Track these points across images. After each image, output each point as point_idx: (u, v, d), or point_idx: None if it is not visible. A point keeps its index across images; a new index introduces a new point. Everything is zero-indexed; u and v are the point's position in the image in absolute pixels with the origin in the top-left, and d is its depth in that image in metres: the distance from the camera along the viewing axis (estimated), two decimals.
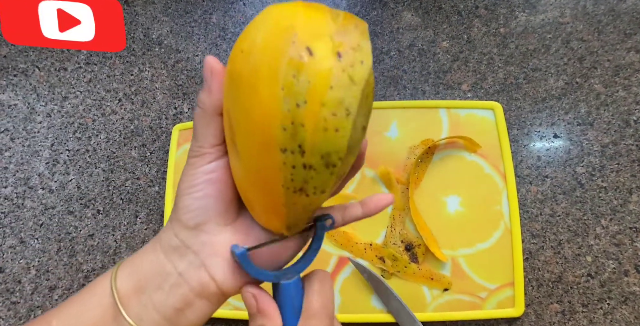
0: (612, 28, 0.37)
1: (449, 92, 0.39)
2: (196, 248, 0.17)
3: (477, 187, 0.36)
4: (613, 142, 0.35)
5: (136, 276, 0.17)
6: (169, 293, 0.16)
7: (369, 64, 0.13)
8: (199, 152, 0.17)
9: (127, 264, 0.17)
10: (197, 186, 0.17)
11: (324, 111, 0.13)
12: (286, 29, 0.13)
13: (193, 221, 0.17)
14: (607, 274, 0.33)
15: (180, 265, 0.17)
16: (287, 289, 0.17)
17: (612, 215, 0.34)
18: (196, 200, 0.17)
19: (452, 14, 0.40)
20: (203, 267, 0.17)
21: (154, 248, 0.17)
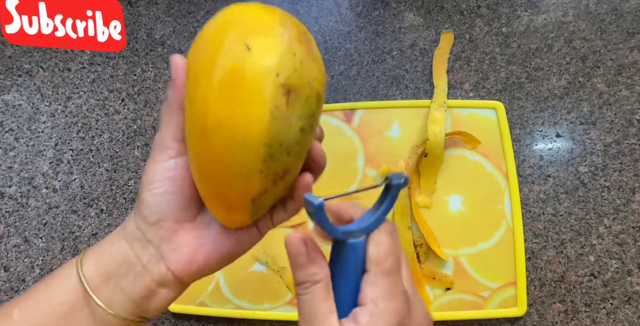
0: (615, 27, 0.37)
1: (451, 91, 0.39)
2: (156, 242, 0.18)
3: (479, 186, 0.36)
4: (616, 141, 0.35)
5: (102, 264, 0.17)
6: (134, 282, 0.18)
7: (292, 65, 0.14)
8: (161, 146, 0.17)
9: (92, 253, 0.18)
10: (157, 182, 0.17)
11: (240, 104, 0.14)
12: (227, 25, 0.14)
13: (153, 217, 0.17)
14: (610, 273, 0.33)
15: (143, 257, 0.18)
16: (354, 249, 0.16)
17: (615, 214, 0.34)
18: (156, 196, 0.17)
19: (454, 13, 0.40)
20: (162, 261, 0.18)
21: (119, 237, 0.18)
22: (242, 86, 0.14)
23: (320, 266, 0.16)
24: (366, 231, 0.16)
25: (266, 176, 0.15)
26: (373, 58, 0.41)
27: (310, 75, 0.14)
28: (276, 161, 0.15)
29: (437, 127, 0.36)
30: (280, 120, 0.14)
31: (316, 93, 0.15)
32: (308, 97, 0.14)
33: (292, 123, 0.14)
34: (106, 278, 0.17)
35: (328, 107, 0.39)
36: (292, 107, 0.14)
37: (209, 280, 0.37)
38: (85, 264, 0.17)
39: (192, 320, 0.37)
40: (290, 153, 0.15)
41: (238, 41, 0.14)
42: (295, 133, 0.14)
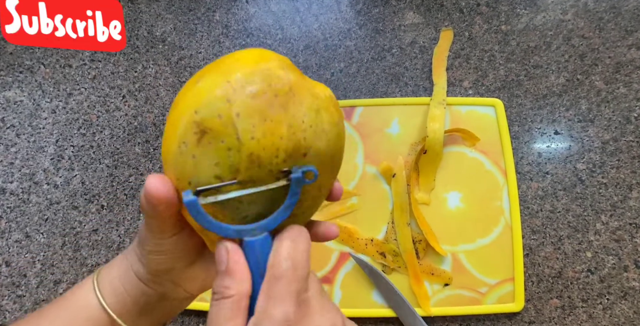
0: (613, 25, 0.37)
1: (450, 89, 0.39)
2: (171, 279, 0.18)
3: (478, 183, 0.36)
4: (614, 138, 0.35)
5: (120, 296, 0.18)
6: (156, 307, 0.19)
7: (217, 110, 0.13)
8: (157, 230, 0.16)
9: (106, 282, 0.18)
10: (163, 251, 0.17)
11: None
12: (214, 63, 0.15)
13: (163, 269, 0.18)
14: (607, 269, 0.33)
15: (160, 289, 0.18)
16: (252, 247, 0.14)
17: (612, 211, 0.34)
18: (164, 260, 0.17)
19: (453, 11, 0.41)
20: (181, 288, 0.19)
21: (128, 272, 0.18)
22: (171, 117, 0.14)
23: (236, 281, 0.14)
24: (265, 228, 0.15)
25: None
26: (373, 55, 0.41)
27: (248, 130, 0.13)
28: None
29: (437, 124, 0.36)
30: (186, 156, 0.13)
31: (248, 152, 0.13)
32: (230, 150, 0.13)
33: (203, 164, 0.13)
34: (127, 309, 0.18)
35: None
36: (203, 148, 0.13)
37: None
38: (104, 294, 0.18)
39: (193, 315, 0.37)
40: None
41: (198, 76, 0.14)
42: (207, 176, 0.13)
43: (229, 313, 0.14)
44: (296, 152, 0.14)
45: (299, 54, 0.43)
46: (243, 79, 0.13)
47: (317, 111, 0.15)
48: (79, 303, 0.18)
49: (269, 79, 0.14)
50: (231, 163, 0.13)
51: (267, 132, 0.13)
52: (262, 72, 0.14)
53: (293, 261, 0.14)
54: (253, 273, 0.14)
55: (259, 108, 0.13)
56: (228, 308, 0.14)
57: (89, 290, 0.18)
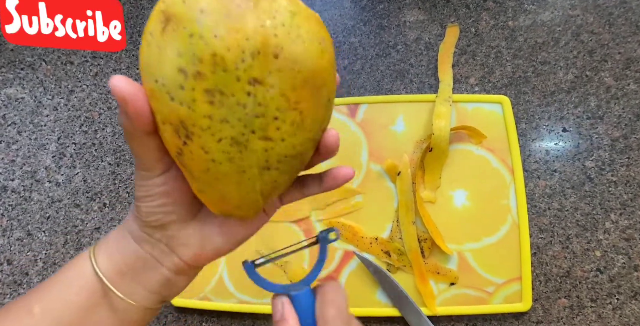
0: (623, 20, 0.37)
1: (456, 85, 0.38)
2: (165, 240, 0.18)
3: (485, 181, 0.35)
4: (623, 136, 0.35)
5: (115, 261, 0.18)
6: (151, 274, 0.18)
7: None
8: (145, 166, 0.16)
9: (102, 250, 0.18)
10: (152, 196, 0.17)
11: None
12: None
13: (156, 223, 0.18)
14: (617, 269, 0.32)
15: (154, 253, 0.18)
16: (298, 300, 0.18)
17: (622, 210, 0.33)
18: (155, 207, 0.17)
19: (459, 7, 0.40)
20: (174, 254, 0.18)
21: (125, 236, 0.18)
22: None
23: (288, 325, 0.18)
24: (306, 283, 0.19)
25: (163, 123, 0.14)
26: (377, 52, 0.41)
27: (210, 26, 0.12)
28: (160, 102, 0.13)
29: (442, 121, 0.35)
30: (152, 48, 0.13)
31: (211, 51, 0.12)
32: (192, 35, 0.12)
33: (167, 57, 0.12)
34: (122, 274, 0.18)
35: None
36: (167, 37, 0.12)
37: (212, 274, 0.37)
38: (99, 262, 0.18)
39: (195, 314, 0.37)
40: (175, 99, 0.13)
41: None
42: (171, 70, 0.12)
43: None
44: (265, 49, 0.12)
45: None
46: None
47: (293, 13, 0.13)
48: (74, 272, 0.18)
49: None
50: (194, 52, 0.12)
51: (231, 30, 0.12)
52: None
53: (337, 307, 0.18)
54: (304, 322, 0.18)
55: (225, 3, 0.12)
56: None
57: (85, 259, 0.18)
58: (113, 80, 0.13)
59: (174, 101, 0.13)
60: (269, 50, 0.12)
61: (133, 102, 0.13)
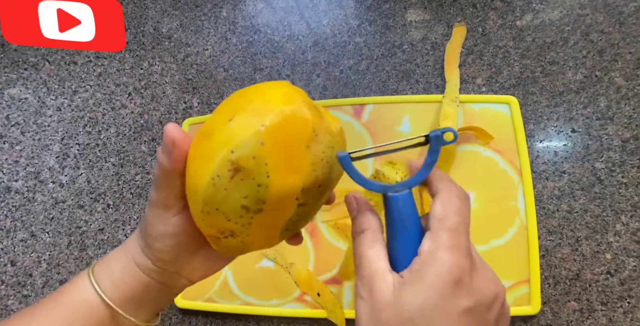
0: (634, 20, 0.36)
1: (463, 86, 0.38)
2: (175, 270, 0.19)
3: (492, 183, 0.35)
4: (634, 137, 0.34)
5: (122, 290, 0.18)
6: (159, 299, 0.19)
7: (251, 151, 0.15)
8: (164, 204, 0.17)
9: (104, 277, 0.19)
10: (167, 236, 0.18)
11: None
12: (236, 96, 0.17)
13: (169, 258, 0.18)
14: (628, 272, 0.32)
15: (163, 280, 0.19)
16: (395, 202, 0.16)
17: (633, 212, 0.33)
18: (169, 246, 0.18)
19: (466, 6, 0.40)
20: (183, 278, 0.20)
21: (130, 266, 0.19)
22: (203, 149, 0.16)
23: (367, 219, 0.17)
24: (407, 185, 0.16)
25: (210, 226, 0.17)
26: (383, 52, 0.40)
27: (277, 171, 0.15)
28: (214, 220, 0.16)
29: (449, 122, 0.35)
30: (218, 188, 0.15)
31: (276, 190, 0.15)
32: (260, 186, 0.15)
33: (233, 197, 0.15)
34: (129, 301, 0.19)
35: (337, 102, 0.39)
36: (235, 184, 0.15)
37: (217, 276, 0.37)
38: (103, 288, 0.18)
39: (200, 316, 0.37)
40: (231, 220, 0.16)
41: (230, 112, 0.16)
42: (234, 206, 0.16)
43: (368, 242, 0.16)
44: (313, 186, 0.16)
45: (307, 51, 0.42)
46: (275, 125, 0.15)
47: (332, 147, 0.17)
48: (77, 299, 0.18)
49: (297, 123, 0.16)
50: (259, 197, 0.16)
51: (292, 172, 0.15)
52: (291, 116, 0.15)
53: (463, 217, 0.15)
54: (397, 227, 0.16)
55: (288, 152, 0.15)
56: (367, 239, 0.16)
57: (85, 285, 0.18)
58: (169, 126, 0.16)
59: (230, 222, 0.16)
60: (315, 186, 0.16)
61: (180, 147, 0.16)
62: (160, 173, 0.17)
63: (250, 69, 0.42)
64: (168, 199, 0.17)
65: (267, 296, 0.36)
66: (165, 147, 0.16)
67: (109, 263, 0.19)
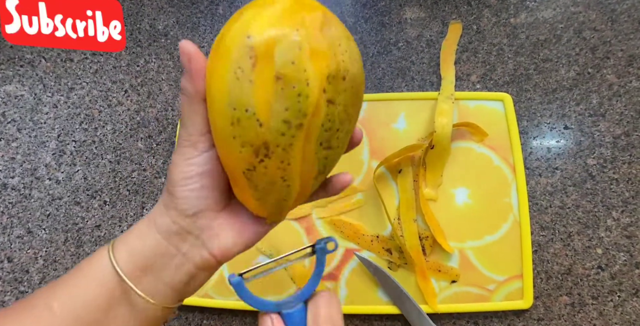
0: (626, 17, 0.36)
1: (457, 83, 0.38)
2: (196, 232, 0.18)
3: (486, 179, 0.35)
4: (625, 133, 0.35)
5: (137, 258, 0.17)
6: (175, 271, 0.18)
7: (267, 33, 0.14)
8: (190, 141, 0.17)
9: (121, 246, 0.18)
10: (192, 178, 0.17)
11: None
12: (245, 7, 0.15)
13: (191, 211, 0.17)
14: (618, 266, 0.32)
15: (182, 247, 0.18)
16: (291, 318, 0.17)
17: (624, 207, 0.33)
18: (193, 192, 0.17)
19: (461, 4, 0.40)
20: (204, 247, 0.18)
21: (150, 231, 0.18)
22: (220, 49, 0.14)
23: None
24: (301, 298, 0.17)
25: (242, 145, 0.15)
26: (379, 49, 0.40)
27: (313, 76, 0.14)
28: (246, 129, 0.14)
29: (445, 119, 0.35)
30: (243, 82, 0.14)
31: (314, 98, 0.14)
32: (300, 94, 0.14)
33: (275, 109, 0.14)
34: (143, 271, 0.17)
35: None
36: (259, 72, 0.14)
37: None
38: (118, 257, 0.17)
39: (196, 311, 0.37)
40: (263, 125, 0.14)
41: (238, 13, 0.15)
42: (277, 121, 0.14)
43: None
44: (337, 74, 0.15)
45: None
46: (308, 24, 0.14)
47: (348, 38, 0.15)
48: (93, 268, 0.17)
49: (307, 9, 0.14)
50: (299, 108, 0.14)
51: (322, 68, 0.14)
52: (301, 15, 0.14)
53: (332, 322, 0.17)
54: None
55: (318, 48, 0.14)
56: None
57: (103, 254, 0.17)
58: (182, 42, 0.15)
59: (262, 127, 0.14)
60: (340, 75, 0.15)
61: (196, 59, 0.15)
62: (184, 101, 0.16)
63: None
64: (193, 133, 0.16)
65: (264, 292, 0.36)
66: (184, 66, 0.15)
67: (130, 231, 0.18)
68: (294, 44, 0.14)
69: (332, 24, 0.15)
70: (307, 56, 0.14)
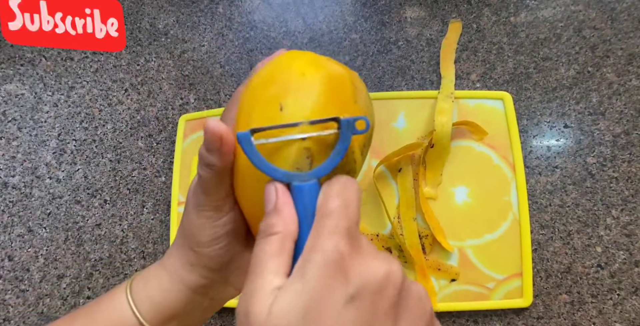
0: (626, 16, 0.36)
1: (457, 82, 0.38)
2: (224, 279, 0.18)
3: (486, 178, 0.35)
4: (625, 132, 0.35)
5: (161, 309, 0.18)
6: (202, 314, 0.19)
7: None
8: (214, 205, 0.17)
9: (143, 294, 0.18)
10: (220, 238, 0.17)
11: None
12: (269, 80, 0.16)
13: (219, 264, 0.18)
14: (618, 265, 0.33)
15: (211, 293, 0.18)
16: (300, 192, 0.14)
17: (624, 206, 0.33)
18: (222, 249, 0.17)
19: (461, 2, 0.40)
20: (231, 286, 0.19)
21: (175, 286, 0.18)
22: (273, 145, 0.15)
23: (283, 219, 0.13)
24: (315, 175, 0.14)
25: None
26: (379, 48, 0.40)
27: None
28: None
29: (444, 118, 0.35)
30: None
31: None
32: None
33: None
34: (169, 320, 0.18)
35: None
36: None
37: None
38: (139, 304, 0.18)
39: None
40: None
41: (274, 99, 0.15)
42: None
43: (274, 250, 0.13)
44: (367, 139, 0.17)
45: (303, 48, 0.42)
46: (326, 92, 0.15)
47: (367, 94, 0.18)
48: (113, 317, 0.18)
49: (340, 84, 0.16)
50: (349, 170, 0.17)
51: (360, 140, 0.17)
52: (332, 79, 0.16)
53: (343, 199, 0.13)
54: (300, 219, 0.14)
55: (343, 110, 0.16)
56: (273, 245, 0.13)
57: (122, 303, 0.18)
58: (210, 122, 0.14)
59: None
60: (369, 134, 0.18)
61: (227, 141, 0.15)
62: (210, 174, 0.16)
63: (247, 65, 0.42)
64: (219, 199, 0.16)
65: None
66: (211, 146, 0.15)
67: (148, 280, 0.18)
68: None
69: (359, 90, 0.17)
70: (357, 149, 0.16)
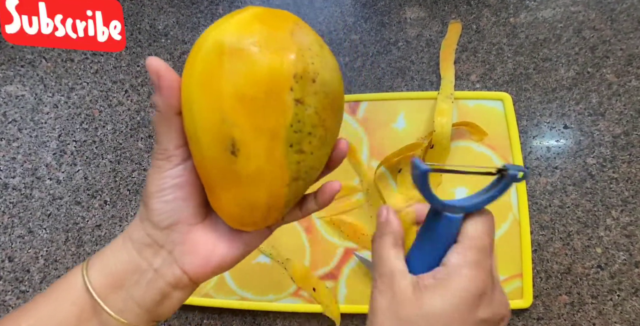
0: (625, 16, 0.36)
1: (457, 82, 0.38)
2: (169, 246, 0.18)
3: (485, 178, 0.35)
4: (625, 132, 0.35)
5: (110, 274, 0.17)
6: (146, 288, 0.17)
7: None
8: (165, 155, 0.17)
9: (96, 261, 0.18)
10: (166, 190, 0.17)
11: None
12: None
13: (165, 223, 0.17)
14: (618, 265, 0.33)
15: (155, 262, 0.17)
16: (449, 222, 0.17)
17: (624, 206, 0.33)
18: (166, 203, 0.17)
19: (461, 3, 0.40)
20: (176, 264, 0.18)
21: (125, 246, 0.18)
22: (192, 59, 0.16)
23: (393, 225, 0.19)
24: (466, 210, 0.17)
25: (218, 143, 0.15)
26: (378, 49, 0.40)
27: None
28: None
29: (444, 118, 0.35)
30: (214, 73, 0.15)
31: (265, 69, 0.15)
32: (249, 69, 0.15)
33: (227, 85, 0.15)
34: (115, 288, 0.17)
35: None
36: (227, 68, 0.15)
37: None
38: (91, 274, 0.17)
39: (197, 311, 0.37)
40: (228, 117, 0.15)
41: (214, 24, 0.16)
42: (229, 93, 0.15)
43: (390, 244, 0.18)
44: (306, 75, 0.15)
45: None
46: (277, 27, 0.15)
47: (321, 46, 0.16)
48: (65, 287, 0.17)
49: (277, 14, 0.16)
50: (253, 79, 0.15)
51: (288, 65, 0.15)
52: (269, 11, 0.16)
53: (491, 240, 0.17)
54: (433, 238, 0.17)
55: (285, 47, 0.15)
56: (389, 241, 0.18)
57: (77, 272, 0.17)
58: (149, 59, 0.15)
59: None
60: (309, 76, 0.15)
61: (166, 76, 0.15)
62: (158, 117, 0.16)
63: None
64: (168, 147, 0.16)
65: (264, 291, 0.36)
66: (153, 83, 0.16)
67: (105, 248, 0.18)
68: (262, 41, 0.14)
69: (303, 32, 0.15)
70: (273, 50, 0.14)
